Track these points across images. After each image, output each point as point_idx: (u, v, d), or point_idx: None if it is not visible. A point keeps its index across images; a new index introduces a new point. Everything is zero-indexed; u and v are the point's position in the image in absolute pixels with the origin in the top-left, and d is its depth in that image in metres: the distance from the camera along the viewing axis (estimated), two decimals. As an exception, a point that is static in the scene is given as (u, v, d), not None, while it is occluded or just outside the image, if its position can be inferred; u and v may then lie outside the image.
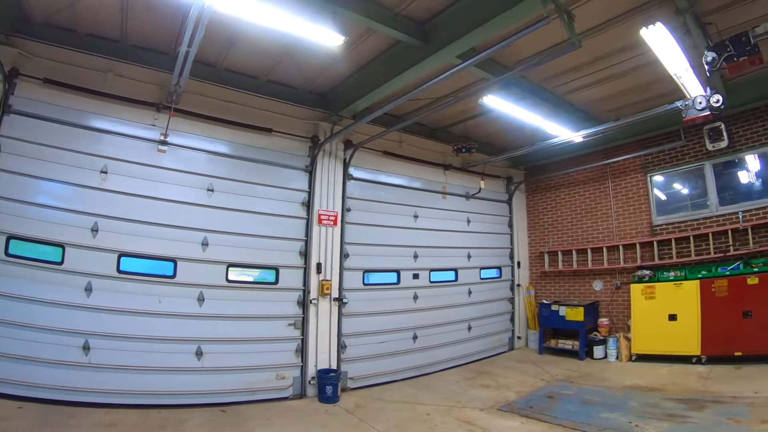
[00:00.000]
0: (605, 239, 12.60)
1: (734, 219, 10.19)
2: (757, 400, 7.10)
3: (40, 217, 7.06)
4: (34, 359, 6.74)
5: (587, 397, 8.29)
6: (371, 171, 10.91)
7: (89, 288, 7.27)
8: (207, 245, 8.37)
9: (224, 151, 8.82)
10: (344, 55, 8.00)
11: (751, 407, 6.81)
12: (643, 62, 8.14)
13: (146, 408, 7.25)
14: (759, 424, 6.09)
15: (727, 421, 6.37)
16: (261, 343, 8.61)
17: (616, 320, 11.99)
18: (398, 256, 11.04)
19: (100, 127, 7.67)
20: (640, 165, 12.07)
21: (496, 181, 14.06)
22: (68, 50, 7.41)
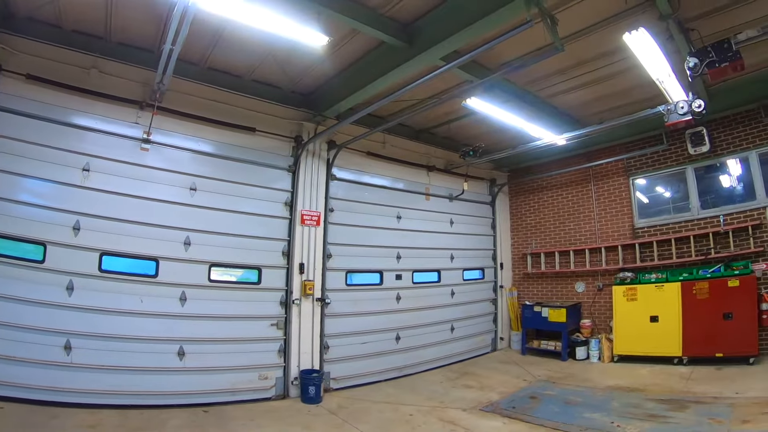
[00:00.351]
0: (588, 241, 12.69)
1: (715, 222, 10.33)
2: (738, 401, 7.19)
3: (21, 215, 6.97)
4: (15, 359, 6.65)
5: (569, 398, 8.35)
6: (355, 171, 10.91)
7: (71, 287, 7.19)
8: (189, 244, 8.32)
9: (207, 150, 8.77)
10: (329, 56, 7.99)
11: (732, 407, 6.88)
12: (626, 67, 8.20)
13: (128, 408, 7.20)
14: (740, 424, 6.15)
15: (708, 422, 6.44)
16: (243, 343, 8.57)
17: (598, 321, 12.09)
18: (381, 257, 11.06)
19: (83, 124, 7.58)
20: (623, 168, 12.17)
21: (480, 182, 14.14)
22: (52, 46, 7.31)
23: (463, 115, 10.59)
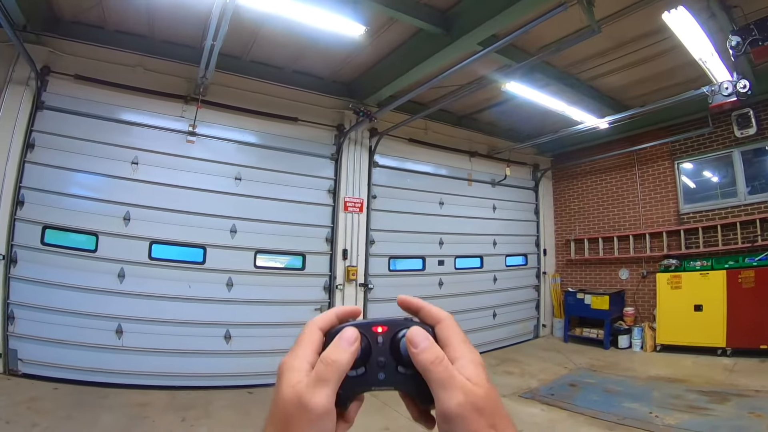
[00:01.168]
0: (632, 227, 12.43)
1: (763, 208, 9.97)
2: (780, 395, 7.03)
3: (73, 208, 7.39)
4: (69, 342, 7.09)
5: (610, 387, 8.29)
6: (397, 158, 10.99)
7: (122, 274, 7.57)
8: (235, 232, 8.58)
9: (251, 141, 9.00)
10: (368, 45, 8.03)
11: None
12: (668, 47, 7.95)
13: (176, 389, 7.51)
14: (781, 419, 6.03)
15: (748, 415, 6.34)
16: (288, 327, 8.71)
17: (642, 310, 11.89)
18: (424, 243, 11.11)
19: (130, 119, 7.93)
20: (668, 152, 11.85)
21: (523, 168, 13.96)
22: (98, 47, 7.66)
23: (504, 100, 10.45)
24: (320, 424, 0.64)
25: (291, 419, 0.64)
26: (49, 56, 7.38)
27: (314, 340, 0.72)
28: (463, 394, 0.65)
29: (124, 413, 6.29)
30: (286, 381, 0.67)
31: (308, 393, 0.65)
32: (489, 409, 0.65)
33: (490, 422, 0.64)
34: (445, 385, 0.66)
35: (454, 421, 0.64)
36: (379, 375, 0.72)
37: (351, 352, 0.69)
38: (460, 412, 0.64)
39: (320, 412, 0.64)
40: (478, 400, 0.65)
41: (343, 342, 0.70)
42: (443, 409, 0.65)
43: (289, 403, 0.65)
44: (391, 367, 0.72)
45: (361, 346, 0.71)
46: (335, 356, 0.68)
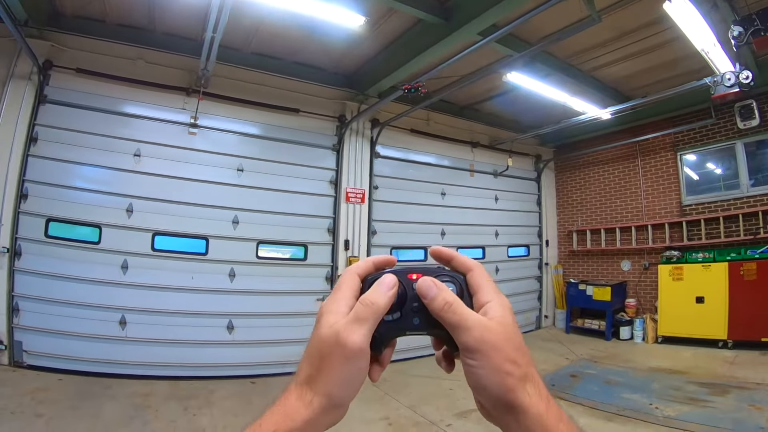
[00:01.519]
0: (634, 219, 12.42)
1: (765, 200, 9.95)
2: (781, 389, 7.05)
3: (77, 200, 7.46)
4: (73, 334, 7.18)
5: (610, 378, 8.32)
6: (399, 149, 10.99)
7: (125, 265, 7.63)
8: (237, 223, 8.62)
9: (253, 132, 9.02)
10: (368, 36, 8.05)
11: (775, 395, 6.76)
12: (670, 37, 7.88)
13: (179, 379, 7.58)
14: (781, 413, 6.05)
15: (748, 408, 6.35)
16: (290, 317, 8.81)
17: (643, 301, 11.90)
18: (426, 234, 11.10)
19: (133, 112, 7.97)
20: (670, 143, 11.80)
21: (525, 159, 13.93)
22: (99, 40, 7.70)
23: (506, 91, 10.41)
24: (355, 361, 0.69)
25: (327, 356, 0.69)
26: (50, 50, 7.41)
27: (353, 285, 0.76)
28: (479, 331, 0.68)
29: (127, 403, 6.36)
30: (325, 321, 0.72)
31: (345, 331, 0.69)
32: (508, 346, 0.68)
33: (510, 357, 0.68)
34: (458, 326, 0.70)
35: (474, 357, 0.68)
36: (414, 320, 0.75)
37: (389, 296, 0.73)
38: (477, 347, 0.68)
39: (356, 349, 0.68)
40: (495, 337, 0.68)
41: (383, 286, 0.73)
42: (463, 347, 0.69)
43: (326, 341, 0.70)
44: (424, 312, 0.75)
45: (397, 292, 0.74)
46: (374, 298, 0.72)
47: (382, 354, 0.77)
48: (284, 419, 0.68)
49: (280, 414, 0.69)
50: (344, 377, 0.69)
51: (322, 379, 0.69)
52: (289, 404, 0.69)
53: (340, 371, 0.69)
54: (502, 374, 0.67)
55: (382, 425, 6.23)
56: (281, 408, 0.69)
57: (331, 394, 0.69)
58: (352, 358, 0.69)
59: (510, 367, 0.67)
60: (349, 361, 0.69)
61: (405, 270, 0.78)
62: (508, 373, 0.67)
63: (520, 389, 0.67)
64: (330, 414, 0.70)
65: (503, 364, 0.67)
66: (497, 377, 0.67)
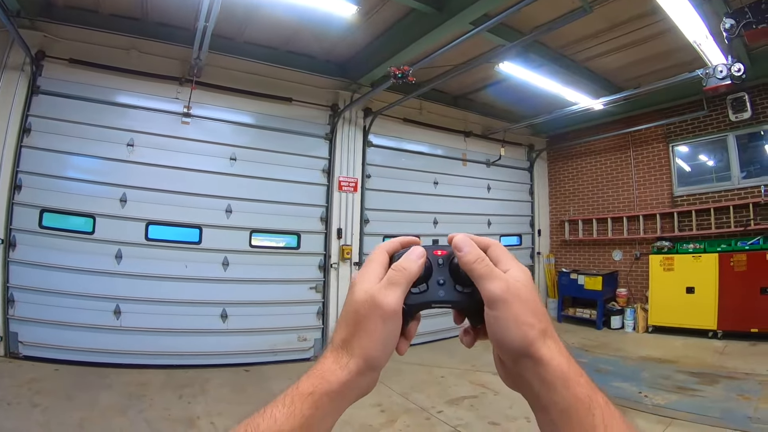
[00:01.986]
0: (626, 209, 12.47)
1: (756, 193, 9.96)
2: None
3: (71, 190, 7.45)
4: (68, 324, 7.20)
5: (601, 366, 8.41)
6: (391, 138, 10.98)
7: (119, 255, 7.65)
8: (231, 212, 8.63)
9: (246, 121, 9.01)
10: (360, 25, 8.03)
11: (763, 385, 6.84)
12: (662, 29, 7.90)
13: (174, 368, 7.63)
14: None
15: (736, 397, 6.42)
16: (283, 305, 8.89)
17: (635, 291, 11.97)
18: (418, 222, 11.14)
19: (126, 102, 7.94)
20: (662, 134, 11.83)
21: (518, 148, 13.93)
22: (92, 31, 7.63)
23: (499, 81, 10.41)
24: (390, 322, 0.73)
25: (363, 318, 0.73)
26: (43, 41, 7.36)
27: (383, 260, 0.80)
28: (506, 282, 0.73)
29: (123, 392, 6.39)
30: (359, 287, 0.76)
31: (380, 293, 0.73)
32: (530, 300, 0.73)
33: (532, 309, 0.72)
34: (488, 277, 0.74)
35: (498, 306, 0.71)
36: (439, 293, 0.80)
37: (419, 264, 0.77)
38: (503, 296, 0.71)
39: (390, 310, 0.72)
40: (519, 289, 0.73)
41: (413, 254, 0.78)
42: (488, 295, 0.73)
43: (362, 304, 0.73)
44: (449, 285, 0.80)
45: (425, 264, 0.79)
46: (406, 265, 0.76)
47: (408, 327, 0.80)
48: (321, 381, 0.70)
49: (316, 377, 0.71)
50: (380, 338, 0.72)
51: (358, 341, 0.72)
52: (325, 367, 0.72)
53: (376, 332, 0.72)
54: (524, 326, 0.70)
55: (375, 411, 6.27)
56: (318, 371, 0.72)
57: (368, 355, 0.72)
58: (387, 318, 0.72)
59: (532, 320, 0.71)
60: (384, 321, 0.72)
61: (431, 247, 0.83)
62: (530, 325, 0.70)
63: (541, 342, 0.70)
64: (365, 376, 0.73)
65: (525, 316, 0.71)
66: (520, 329, 0.70)
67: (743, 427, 5.45)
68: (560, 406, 0.68)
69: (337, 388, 0.70)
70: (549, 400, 0.69)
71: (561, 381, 0.68)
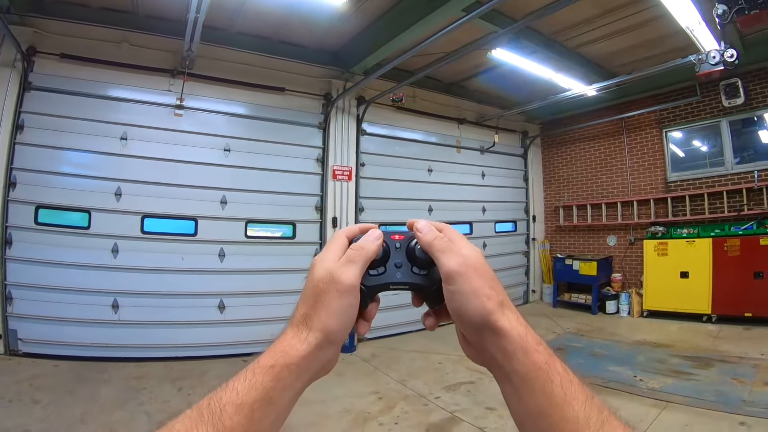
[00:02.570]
0: (620, 194, 12.52)
1: (749, 178, 10.01)
2: (762, 362, 7.20)
3: (65, 186, 7.43)
4: (67, 320, 7.22)
5: (596, 351, 8.49)
6: (385, 126, 10.95)
7: (116, 249, 7.64)
8: (226, 203, 8.62)
9: (239, 112, 8.97)
10: (352, 13, 8.00)
11: (756, 369, 6.92)
12: (655, 15, 7.91)
13: (173, 360, 7.67)
14: (762, 386, 6.20)
15: (731, 381, 6.49)
16: (280, 295, 8.83)
17: (629, 276, 12.07)
18: (413, 210, 11.14)
19: (118, 95, 7.88)
20: (656, 120, 11.85)
21: (511, 135, 13.95)
22: (82, 25, 7.53)
23: (492, 67, 10.36)
24: (347, 296, 0.77)
25: (322, 293, 0.77)
26: (34, 36, 7.29)
27: (342, 243, 0.85)
28: (462, 257, 0.78)
29: (122, 386, 6.44)
30: (319, 264, 0.81)
31: (338, 270, 0.78)
32: (486, 273, 0.78)
33: (489, 281, 0.77)
34: (446, 251, 0.79)
35: (456, 280, 0.76)
36: (396, 274, 0.85)
37: (376, 244, 0.83)
38: (461, 270, 0.76)
39: (348, 284, 0.77)
40: (476, 263, 0.78)
41: (370, 235, 0.84)
42: (446, 270, 0.78)
43: (321, 280, 0.78)
44: (406, 268, 0.85)
45: (382, 249, 0.84)
46: (364, 244, 0.82)
47: (367, 308, 0.84)
48: (281, 355, 0.73)
49: (277, 351, 0.74)
50: (338, 311, 0.76)
51: (317, 315, 0.76)
52: (285, 342, 0.75)
53: (334, 306, 0.76)
54: (482, 297, 0.75)
55: (373, 398, 6.36)
56: (278, 346, 0.75)
57: (327, 328, 0.75)
58: (344, 293, 0.76)
59: (489, 291, 0.75)
60: (342, 295, 0.76)
61: (388, 232, 0.89)
62: (487, 297, 0.75)
63: (500, 313, 0.74)
64: (324, 350, 0.76)
65: (482, 288, 0.75)
66: (478, 300, 0.75)
67: (738, 410, 5.51)
68: (521, 374, 0.72)
69: (297, 361, 0.73)
70: (511, 369, 0.73)
71: (521, 350, 0.72)
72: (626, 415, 3.12)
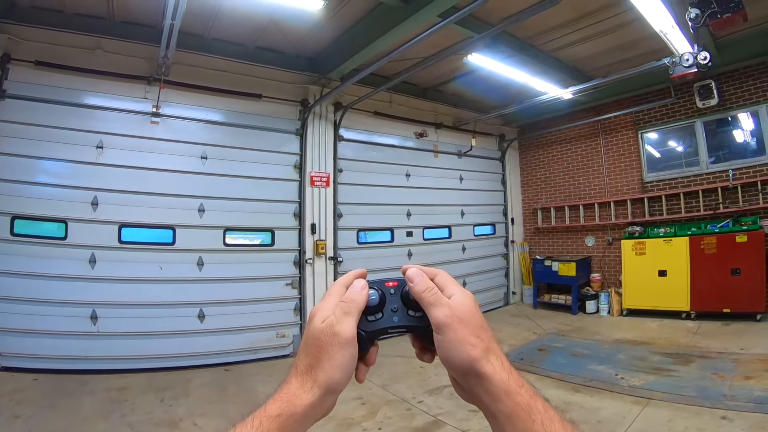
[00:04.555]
0: (597, 195, 12.66)
1: (724, 177, 10.22)
2: (742, 356, 7.29)
3: (41, 196, 7.28)
4: (46, 332, 7.07)
5: (577, 350, 8.55)
6: (362, 131, 10.96)
7: (93, 260, 7.50)
8: (203, 211, 8.53)
9: (216, 119, 8.89)
10: (328, 19, 8.00)
11: (737, 363, 7.00)
12: (629, 19, 8.02)
13: (154, 371, 7.56)
14: (742, 380, 6.26)
15: (711, 376, 6.57)
16: (260, 303, 8.85)
17: (608, 275, 12.19)
18: (392, 215, 11.20)
19: (93, 103, 7.75)
20: (632, 122, 12.03)
21: (489, 138, 14.02)
22: (57, 31, 7.43)
23: (469, 72, 10.42)
24: (347, 348, 0.82)
25: (324, 345, 0.82)
26: (8, 43, 7.14)
27: (340, 293, 0.90)
28: (449, 308, 0.84)
29: (104, 398, 6.35)
30: (318, 318, 0.85)
31: (337, 323, 0.83)
32: (473, 323, 0.84)
33: (474, 332, 0.82)
34: (434, 304, 0.85)
35: (443, 330, 0.82)
36: (394, 318, 0.91)
37: (363, 294, 0.88)
38: (447, 322, 0.82)
39: (349, 336, 0.82)
40: (462, 314, 0.84)
41: (356, 287, 0.89)
42: (435, 322, 0.84)
43: (322, 332, 0.83)
44: (402, 312, 0.91)
45: (378, 296, 0.90)
46: (352, 296, 0.87)
47: (368, 353, 0.90)
48: (288, 405, 0.79)
49: (283, 400, 0.79)
50: (340, 364, 0.81)
51: (322, 367, 0.81)
52: (291, 392, 0.80)
53: (337, 358, 0.81)
54: (467, 346, 0.81)
55: (356, 404, 6.34)
56: (284, 395, 0.80)
57: (330, 379, 0.81)
58: (345, 345, 0.82)
59: (474, 340, 0.81)
60: (342, 348, 0.81)
61: (383, 279, 0.95)
62: (473, 345, 0.81)
63: (484, 360, 0.81)
64: (327, 399, 0.82)
65: (469, 337, 0.81)
66: (464, 349, 0.81)
67: (719, 404, 5.58)
68: (505, 414, 0.78)
69: (302, 411, 0.79)
70: (495, 409, 0.80)
71: (504, 392, 0.79)
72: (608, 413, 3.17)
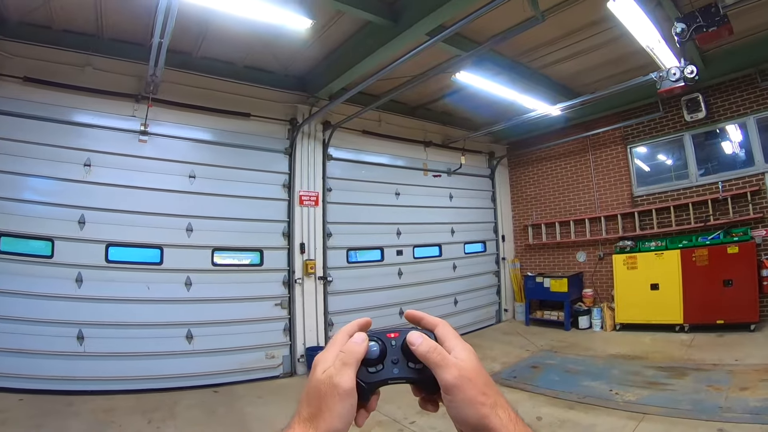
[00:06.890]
0: (587, 211, 12.69)
1: (714, 189, 10.28)
2: (737, 368, 7.26)
3: (28, 213, 7.18)
4: (31, 352, 6.92)
5: (570, 367, 8.49)
6: (351, 150, 10.96)
7: (80, 279, 7.39)
8: (192, 231, 8.45)
9: (204, 138, 8.86)
10: (317, 39, 8.05)
11: (731, 374, 6.97)
12: (616, 35, 8.10)
13: (142, 392, 7.43)
14: (738, 391, 6.23)
15: (706, 388, 6.53)
16: (250, 323, 8.76)
17: (600, 290, 12.18)
18: (381, 234, 11.17)
19: (82, 121, 7.69)
20: (620, 137, 12.11)
21: (478, 156, 14.06)
22: (46, 48, 7.41)
23: (457, 90, 10.47)
24: (347, 398, 0.84)
25: (325, 396, 0.84)
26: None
27: (342, 341, 0.92)
28: (457, 369, 0.85)
29: (91, 419, 6.23)
30: (320, 368, 0.88)
31: (337, 375, 0.85)
32: (479, 381, 0.85)
33: (482, 390, 0.84)
34: (441, 365, 0.86)
35: (452, 391, 0.83)
36: (394, 370, 0.91)
37: (363, 346, 0.90)
38: (456, 383, 0.83)
39: (348, 388, 0.84)
40: (469, 373, 0.85)
41: (356, 338, 0.91)
42: (443, 383, 0.85)
43: (323, 383, 0.85)
44: (402, 363, 0.92)
45: (378, 348, 0.91)
46: (350, 348, 0.89)
47: (369, 402, 0.92)
48: None
49: None
50: (341, 413, 0.83)
51: (323, 416, 0.83)
52: None
53: (337, 408, 0.83)
54: (477, 404, 0.83)
55: (346, 427, 6.22)
56: None
57: (330, 428, 0.83)
58: (344, 396, 0.84)
59: (482, 398, 0.83)
60: (342, 398, 0.84)
61: (384, 330, 0.96)
62: (481, 403, 0.83)
63: (493, 415, 0.83)
64: None
65: (478, 396, 0.83)
66: (473, 407, 0.83)
67: (715, 416, 5.55)
68: None
69: None
70: None
71: None
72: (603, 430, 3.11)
